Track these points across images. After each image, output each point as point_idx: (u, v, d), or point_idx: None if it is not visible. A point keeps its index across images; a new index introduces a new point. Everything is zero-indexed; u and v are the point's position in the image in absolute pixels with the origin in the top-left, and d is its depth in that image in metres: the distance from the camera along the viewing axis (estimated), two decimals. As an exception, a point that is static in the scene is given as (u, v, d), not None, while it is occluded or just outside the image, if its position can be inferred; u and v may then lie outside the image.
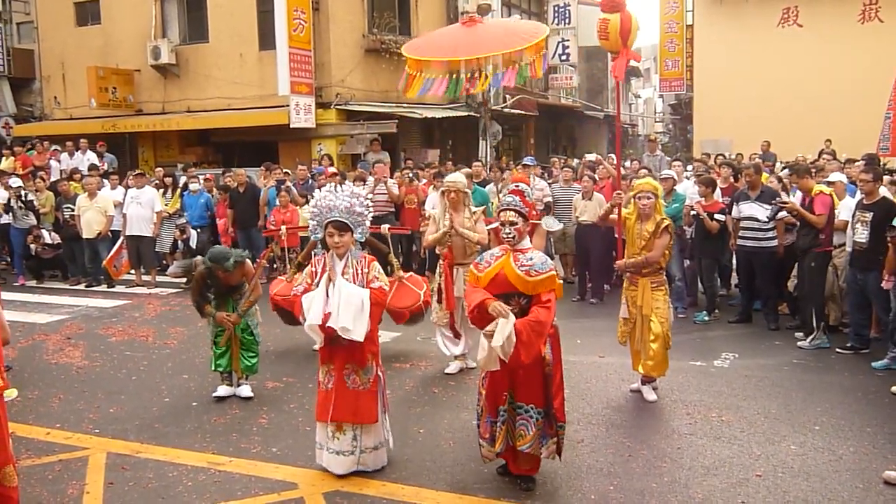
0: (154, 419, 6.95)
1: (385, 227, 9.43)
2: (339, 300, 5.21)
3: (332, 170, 14.36)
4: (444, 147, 23.14)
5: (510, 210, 5.20)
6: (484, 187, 13.26)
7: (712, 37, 26.95)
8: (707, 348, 9.05)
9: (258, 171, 15.25)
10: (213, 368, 7.55)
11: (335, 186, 5.47)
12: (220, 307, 7.43)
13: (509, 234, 5.18)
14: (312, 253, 8.48)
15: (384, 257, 8.37)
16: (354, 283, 5.33)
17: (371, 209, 5.57)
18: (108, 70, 22.07)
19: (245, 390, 7.46)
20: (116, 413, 7.14)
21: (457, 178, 8.02)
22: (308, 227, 5.75)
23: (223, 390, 7.44)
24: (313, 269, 5.53)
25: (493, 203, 12.21)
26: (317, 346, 5.69)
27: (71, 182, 15.24)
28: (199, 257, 13.67)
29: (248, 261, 7.38)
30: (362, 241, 5.74)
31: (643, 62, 56.98)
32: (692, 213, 10.25)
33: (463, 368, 8.15)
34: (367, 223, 5.55)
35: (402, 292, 8.29)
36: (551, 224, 12.01)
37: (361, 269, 5.39)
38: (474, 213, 7.95)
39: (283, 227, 10.65)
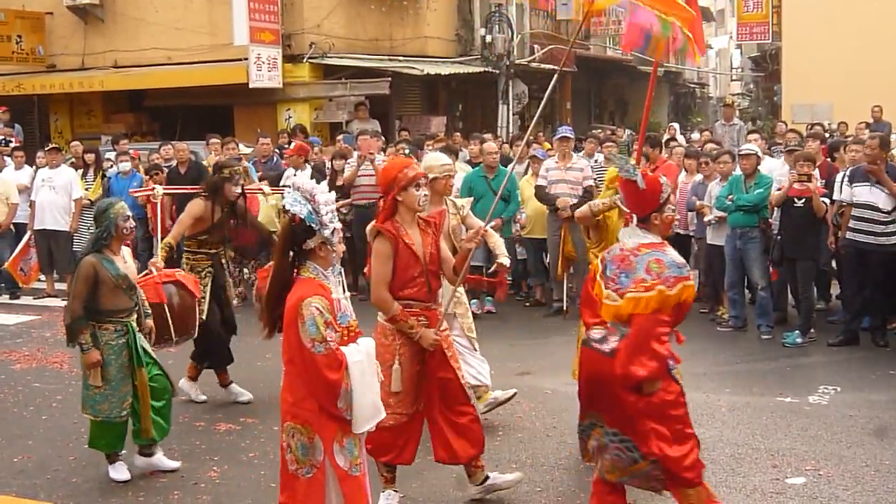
0: (71, 471, 6.95)
1: (266, 188, 10.19)
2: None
3: (303, 144, 14.33)
4: (451, 114, 23.17)
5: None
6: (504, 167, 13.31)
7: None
8: (800, 379, 9.03)
9: (209, 145, 15.28)
10: (111, 448, 6.81)
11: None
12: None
13: None
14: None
15: (267, 237, 8.76)
16: None
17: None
18: (10, 13, 22.11)
19: (165, 461, 6.99)
20: (21, 463, 7.15)
21: (441, 159, 7.85)
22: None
23: (135, 465, 6.95)
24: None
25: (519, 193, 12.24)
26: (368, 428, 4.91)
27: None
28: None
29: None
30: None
31: (716, 0, 56.98)
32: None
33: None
34: None
35: None
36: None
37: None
38: (461, 206, 7.81)
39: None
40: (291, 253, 4.65)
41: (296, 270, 4.67)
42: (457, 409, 5.96)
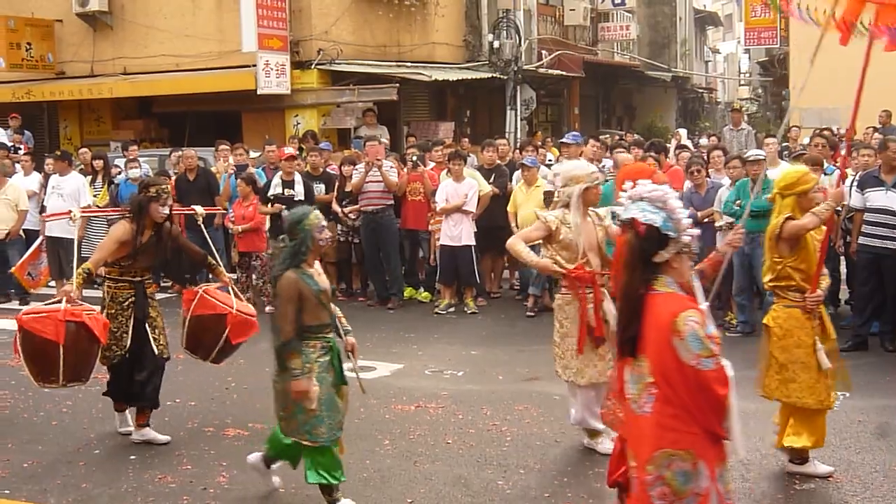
0: (81, 477, 6.97)
1: (199, 209, 8.72)
2: None
3: (291, 151, 14.25)
4: (459, 120, 23.18)
5: None
6: (512, 173, 13.31)
7: (815, -28, 26.90)
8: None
9: (218, 151, 15.32)
10: (337, 479, 6.20)
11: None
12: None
13: None
14: None
15: (201, 260, 8.22)
16: None
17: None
18: (20, 20, 22.18)
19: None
20: (32, 469, 7.18)
21: (586, 167, 7.51)
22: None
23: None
24: None
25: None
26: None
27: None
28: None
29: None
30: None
31: (724, 5, 56.96)
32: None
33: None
34: None
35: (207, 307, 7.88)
36: None
37: None
38: (603, 217, 7.47)
39: (234, 225, 9.90)
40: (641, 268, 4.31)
41: (647, 286, 4.31)
42: None
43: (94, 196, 14.40)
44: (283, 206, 11.93)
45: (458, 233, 12.48)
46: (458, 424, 8.03)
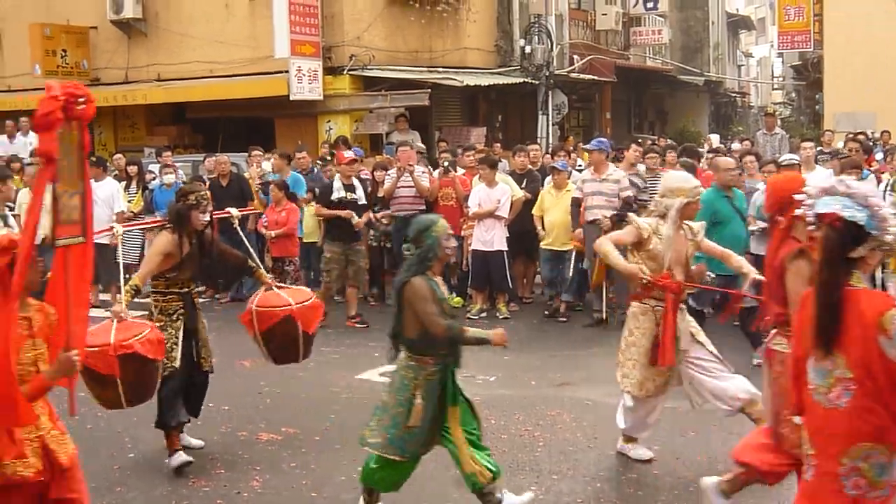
0: (116, 481, 7.03)
1: (234, 212, 8.53)
2: None
3: (351, 155, 14.16)
4: (491, 125, 23.18)
5: None
6: (544, 178, 13.26)
7: (849, -25, 26.67)
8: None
9: (251, 157, 15.40)
10: (391, 489, 6.15)
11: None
12: None
13: None
14: None
15: (242, 264, 8.02)
16: None
17: None
18: (56, 28, 22.44)
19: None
20: (67, 473, 7.24)
21: (690, 180, 7.33)
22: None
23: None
24: None
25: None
26: None
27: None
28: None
29: None
30: None
31: (756, 9, 56.64)
32: None
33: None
34: None
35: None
36: None
37: None
38: (696, 231, 7.30)
39: (267, 230, 9.36)
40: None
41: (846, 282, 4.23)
42: None
43: (129, 202, 14.49)
44: (352, 212, 11.90)
45: (490, 238, 12.46)
46: (490, 430, 8.00)
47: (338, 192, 12.26)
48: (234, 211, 8.47)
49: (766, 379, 5.63)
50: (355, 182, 12.49)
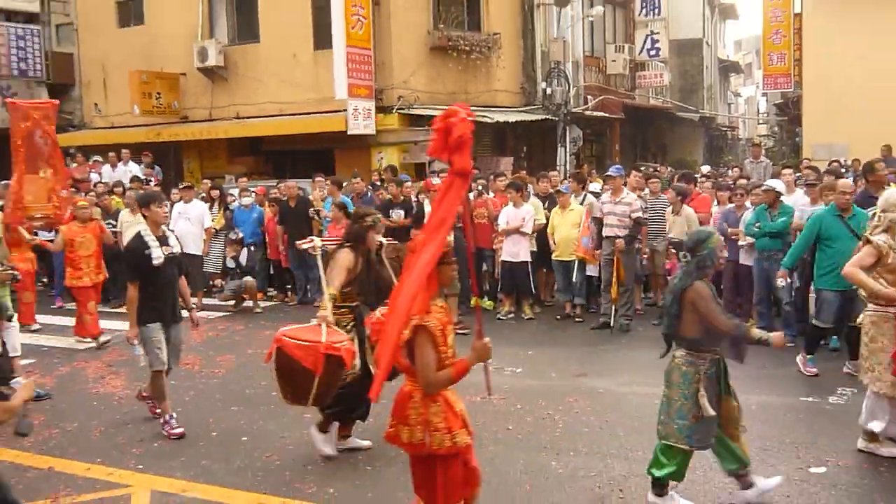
0: (201, 455, 7.10)
1: (318, 241, 7.79)
2: None
3: (438, 182, 13.92)
4: (517, 155, 23.19)
5: None
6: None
7: (824, 26, 26.40)
8: (822, 382, 8.81)
9: (314, 182, 15.51)
10: (677, 478, 5.79)
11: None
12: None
13: None
14: None
15: (390, 286, 6.74)
16: None
17: None
18: (151, 74, 22.76)
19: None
20: (161, 448, 7.32)
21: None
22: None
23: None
24: None
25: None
26: None
27: (112, 196, 15.65)
28: (248, 278, 13.91)
29: None
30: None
31: (744, 55, 56.28)
32: None
33: None
34: None
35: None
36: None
37: None
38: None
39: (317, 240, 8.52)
40: None
41: None
42: None
43: (213, 220, 14.61)
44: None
45: (516, 250, 12.45)
46: (517, 414, 8.00)
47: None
48: (317, 241, 7.79)
49: None
50: None
